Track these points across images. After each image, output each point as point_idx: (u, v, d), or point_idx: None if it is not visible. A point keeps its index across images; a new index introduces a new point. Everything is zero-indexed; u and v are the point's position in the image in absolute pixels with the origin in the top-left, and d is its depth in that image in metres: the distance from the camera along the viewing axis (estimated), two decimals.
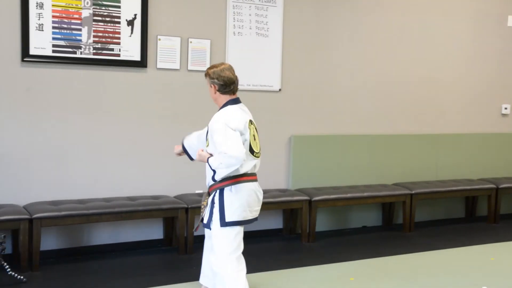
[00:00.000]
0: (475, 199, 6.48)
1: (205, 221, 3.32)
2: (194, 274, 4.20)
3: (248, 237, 4.89)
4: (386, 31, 5.85)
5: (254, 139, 3.33)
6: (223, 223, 3.20)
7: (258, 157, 3.35)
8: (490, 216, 6.21)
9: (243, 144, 3.19)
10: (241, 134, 3.21)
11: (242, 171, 3.22)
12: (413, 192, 5.68)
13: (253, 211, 3.33)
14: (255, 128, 3.38)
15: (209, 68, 3.36)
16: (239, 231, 3.30)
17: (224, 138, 3.11)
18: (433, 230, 5.88)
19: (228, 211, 3.21)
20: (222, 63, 3.39)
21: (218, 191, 3.25)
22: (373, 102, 5.85)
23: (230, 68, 3.34)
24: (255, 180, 3.34)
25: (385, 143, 5.91)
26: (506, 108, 6.63)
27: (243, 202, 3.24)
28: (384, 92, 5.90)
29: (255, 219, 3.39)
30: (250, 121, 3.33)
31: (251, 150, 3.28)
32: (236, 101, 3.35)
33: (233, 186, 3.22)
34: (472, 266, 4.67)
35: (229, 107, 3.28)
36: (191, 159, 3.69)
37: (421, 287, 4.13)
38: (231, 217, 3.21)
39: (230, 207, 3.22)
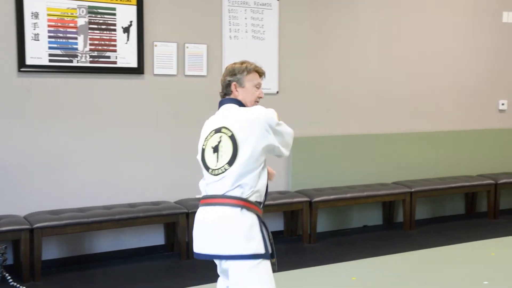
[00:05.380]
0: (474, 195, 6.49)
1: None
2: (197, 278, 4.21)
3: None
4: (382, 30, 5.86)
5: (214, 151, 2.56)
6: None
7: (217, 174, 2.53)
8: (490, 212, 6.23)
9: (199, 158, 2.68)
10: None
11: (202, 193, 2.65)
12: (412, 190, 5.70)
13: (201, 245, 2.58)
14: (229, 136, 2.54)
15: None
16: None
17: None
18: (433, 227, 5.90)
19: None
20: (236, 63, 2.78)
21: None
22: (370, 101, 5.86)
23: (228, 70, 2.76)
24: (210, 204, 2.55)
25: (383, 142, 5.92)
26: (503, 104, 6.65)
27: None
28: (381, 91, 5.91)
29: (214, 256, 2.57)
30: (219, 128, 2.59)
31: (206, 166, 2.60)
32: (220, 103, 2.74)
33: None
34: (473, 262, 4.69)
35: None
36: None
37: (423, 284, 4.14)
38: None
39: None
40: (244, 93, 2.72)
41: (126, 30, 4.66)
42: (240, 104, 2.69)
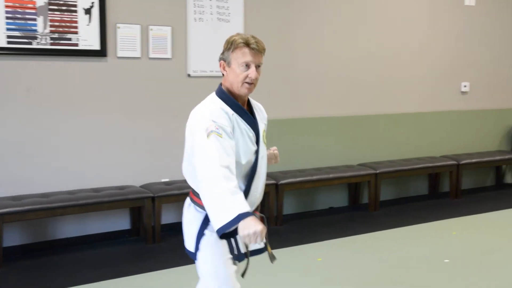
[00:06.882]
0: (437, 176, 6.63)
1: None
2: (163, 263, 4.20)
3: None
4: (347, 13, 5.87)
5: None
6: None
7: None
8: (452, 192, 6.38)
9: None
10: None
11: None
12: (377, 171, 5.78)
13: None
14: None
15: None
16: None
17: None
18: (398, 208, 6.01)
19: None
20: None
21: None
22: (335, 84, 5.89)
23: None
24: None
25: (348, 124, 5.98)
26: (465, 86, 6.78)
27: None
28: (346, 74, 5.94)
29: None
30: None
31: None
32: None
33: None
34: (435, 241, 4.80)
35: None
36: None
37: (386, 264, 4.22)
38: None
39: None
40: (231, 75, 2.30)
41: (88, 11, 4.55)
42: (221, 92, 2.36)
